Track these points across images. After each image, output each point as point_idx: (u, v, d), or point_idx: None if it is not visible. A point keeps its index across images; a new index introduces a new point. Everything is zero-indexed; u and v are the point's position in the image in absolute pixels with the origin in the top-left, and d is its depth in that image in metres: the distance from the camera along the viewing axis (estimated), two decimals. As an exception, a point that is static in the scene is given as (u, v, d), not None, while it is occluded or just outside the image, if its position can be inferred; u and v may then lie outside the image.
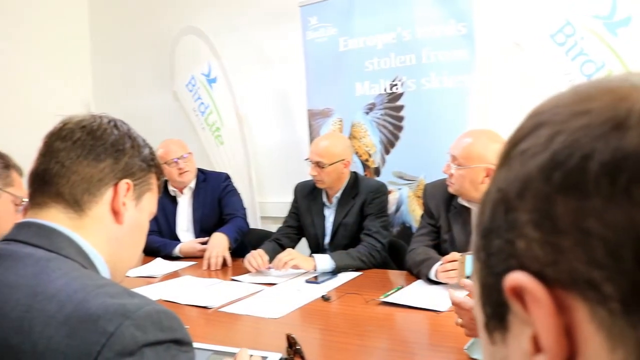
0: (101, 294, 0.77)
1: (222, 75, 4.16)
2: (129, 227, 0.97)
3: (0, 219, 1.66)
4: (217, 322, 1.90)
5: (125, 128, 0.99)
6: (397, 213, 3.40)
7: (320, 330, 1.84)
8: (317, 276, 2.41)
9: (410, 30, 3.28)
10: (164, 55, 4.57)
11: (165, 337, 0.76)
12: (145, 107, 4.67)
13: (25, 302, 0.75)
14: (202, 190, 3.17)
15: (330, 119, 3.60)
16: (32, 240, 0.86)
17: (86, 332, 0.72)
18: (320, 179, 2.68)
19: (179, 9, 4.54)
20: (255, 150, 4.14)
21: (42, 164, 0.92)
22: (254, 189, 4.07)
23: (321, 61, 3.63)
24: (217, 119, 4.22)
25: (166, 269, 2.70)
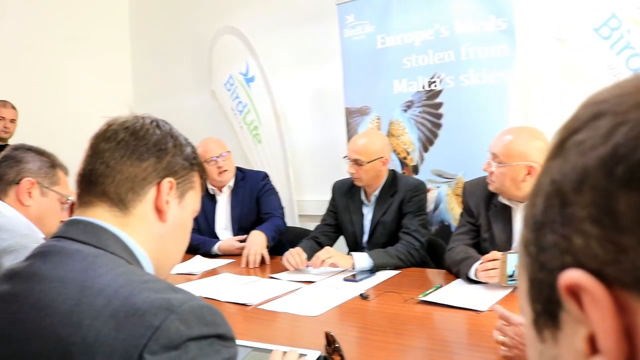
0: (146, 289, 0.79)
1: (259, 74, 4.20)
2: (173, 225, 0.98)
3: (47, 217, 1.71)
4: (256, 319, 1.92)
5: (167, 128, 1.00)
6: (435, 211, 3.37)
7: (358, 328, 1.84)
8: (355, 274, 2.40)
9: (448, 26, 3.24)
10: (202, 55, 4.63)
11: (208, 332, 0.78)
12: (184, 106, 4.74)
13: (74, 296, 0.78)
14: (241, 189, 3.19)
15: (368, 116, 3.59)
16: (80, 237, 0.89)
17: (133, 325, 0.74)
18: (358, 176, 2.67)
19: (216, 10, 4.59)
20: (293, 149, 4.15)
21: (89, 164, 0.95)
22: (291, 187, 4.09)
23: (358, 59, 3.61)
24: (254, 117, 4.26)
25: (205, 267, 2.74)
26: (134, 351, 0.72)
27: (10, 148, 1.73)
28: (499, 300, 1.93)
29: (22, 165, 1.67)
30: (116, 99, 5.05)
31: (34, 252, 0.90)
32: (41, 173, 1.69)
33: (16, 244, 1.48)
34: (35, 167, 1.69)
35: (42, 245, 0.91)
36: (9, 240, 1.48)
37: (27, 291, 0.82)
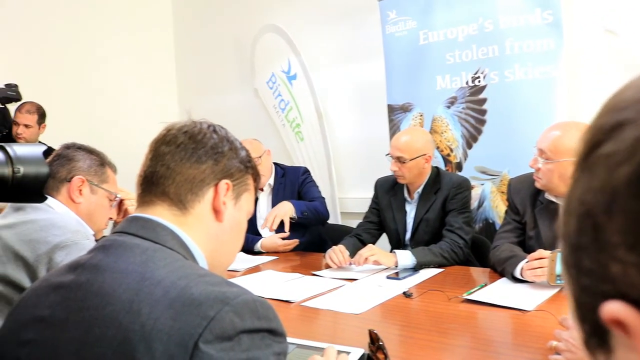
0: (202, 282, 0.83)
1: (301, 71, 4.21)
2: (229, 225, 1.03)
3: (96, 213, 1.76)
4: (299, 316, 1.93)
5: (224, 132, 1.05)
6: (479, 209, 3.33)
7: (402, 326, 1.83)
8: (398, 272, 2.39)
9: (492, 20, 3.19)
10: (244, 53, 4.68)
11: (261, 326, 0.80)
12: (227, 104, 4.80)
13: (134, 287, 0.82)
14: (282, 186, 3.21)
15: (411, 113, 3.57)
16: (140, 232, 0.94)
17: (189, 315, 0.77)
18: (401, 174, 2.66)
19: (259, 8, 4.63)
20: (335, 146, 4.16)
21: (150, 166, 1.00)
22: (334, 185, 4.10)
23: (401, 55, 3.59)
24: (297, 115, 4.28)
25: (248, 263, 2.77)
26: (190, 339, 0.75)
27: (62, 147, 1.78)
28: (546, 300, 1.90)
29: (73, 163, 1.72)
30: (161, 99, 5.16)
31: (97, 246, 0.95)
32: (91, 171, 1.74)
33: (67, 239, 1.52)
34: (85, 166, 1.73)
35: (104, 239, 0.96)
36: (60, 237, 1.53)
37: (91, 281, 0.86)
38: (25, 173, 0.92)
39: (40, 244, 1.51)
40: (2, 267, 1.50)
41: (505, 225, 2.43)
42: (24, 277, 1.49)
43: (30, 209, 1.61)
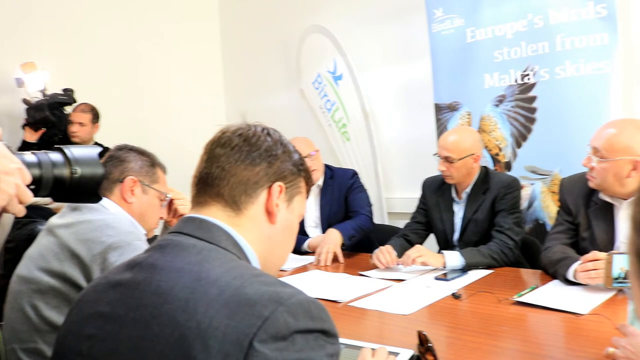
0: (257, 282, 0.84)
1: (347, 72, 4.21)
2: (281, 227, 1.04)
3: (148, 213, 1.81)
4: (347, 317, 1.93)
5: (277, 135, 1.07)
6: (529, 209, 3.26)
7: (451, 328, 1.81)
8: (446, 273, 2.37)
9: (542, 16, 3.12)
10: (290, 54, 4.71)
11: (314, 327, 0.81)
12: (274, 105, 4.84)
13: (190, 286, 0.84)
14: (330, 187, 3.20)
15: (458, 112, 3.53)
16: (195, 233, 0.96)
17: (244, 315, 0.78)
18: (449, 174, 2.63)
19: (304, 9, 4.65)
20: (381, 146, 4.14)
21: (205, 168, 1.02)
22: (380, 185, 4.08)
23: (448, 54, 3.56)
24: (343, 115, 4.28)
25: (295, 263, 2.78)
26: (245, 339, 0.76)
27: (115, 148, 1.83)
28: (602, 304, 1.84)
29: (126, 164, 1.77)
30: (208, 101, 5.26)
31: (153, 245, 0.98)
32: (142, 172, 1.79)
33: (121, 240, 1.57)
34: (137, 167, 1.78)
35: (161, 239, 0.98)
36: (114, 237, 1.57)
37: (148, 280, 0.89)
38: (82, 174, 0.96)
39: (95, 244, 1.56)
40: (60, 265, 1.56)
41: (558, 226, 2.37)
42: (79, 275, 1.54)
43: (85, 209, 1.66)
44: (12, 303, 1.61)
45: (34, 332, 1.53)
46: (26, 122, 3.94)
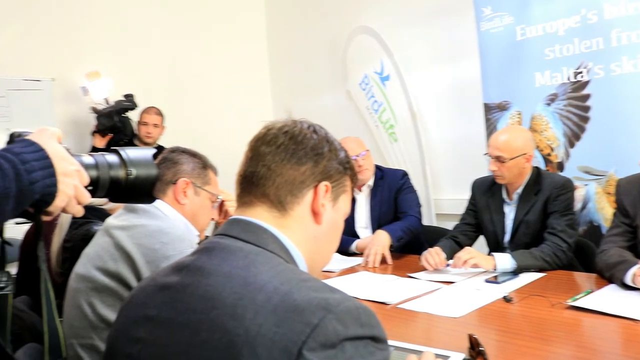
0: (305, 287, 0.82)
1: (394, 72, 4.19)
2: (327, 227, 1.02)
3: (200, 214, 1.84)
4: (396, 319, 1.92)
5: (323, 132, 1.04)
6: (583, 211, 3.17)
7: (502, 332, 1.78)
8: (497, 276, 2.32)
9: (596, 11, 3.03)
10: (337, 55, 4.72)
11: (364, 333, 0.79)
12: (320, 106, 4.86)
13: (238, 291, 0.83)
14: (380, 188, 3.19)
15: (508, 112, 3.46)
16: (242, 235, 0.95)
17: (292, 322, 0.77)
18: (500, 174, 2.58)
19: (350, 10, 4.65)
20: (429, 147, 4.10)
21: (250, 167, 1.00)
22: (428, 186, 4.04)
23: (497, 52, 3.50)
24: (390, 116, 4.26)
25: (343, 264, 2.78)
26: (293, 347, 0.75)
27: (167, 151, 1.87)
28: (661, 309, 1.78)
29: (178, 166, 1.80)
30: (256, 102, 5.32)
31: (200, 248, 0.97)
32: (194, 173, 1.82)
33: (173, 249, 1.59)
34: (189, 168, 1.82)
35: (207, 242, 0.97)
36: (167, 245, 1.59)
37: (195, 283, 0.88)
38: (137, 175, 0.98)
39: (149, 251, 1.59)
40: (115, 265, 1.60)
41: (614, 228, 2.29)
42: (132, 277, 1.57)
43: (141, 211, 1.70)
44: (70, 300, 1.67)
45: (90, 329, 1.58)
46: (96, 129, 4.13)
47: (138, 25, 4.69)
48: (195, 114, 4.87)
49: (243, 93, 5.24)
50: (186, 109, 4.80)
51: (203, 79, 5.01)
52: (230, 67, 5.17)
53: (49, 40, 4.24)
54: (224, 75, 5.12)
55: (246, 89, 5.29)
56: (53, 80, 4.29)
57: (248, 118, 4.93)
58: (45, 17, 4.25)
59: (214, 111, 5.02)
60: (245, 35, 5.35)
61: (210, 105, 5.01)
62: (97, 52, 4.45)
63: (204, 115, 4.93)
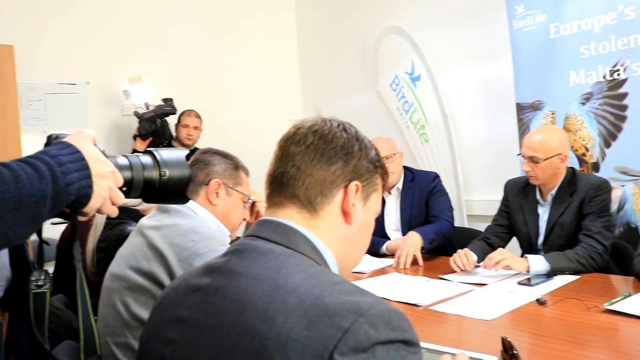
0: (336, 290, 0.81)
1: (425, 72, 4.17)
2: (357, 227, 1.01)
3: (231, 214, 1.86)
4: (427, 320, 1.91)
5: (353, 131, 1.03)
6: (620, 212, 3.10)
7: (535, 335, 1.75)
8: (530, 278, 2.29)
9: (634, 7, 2.96)
10: (367, 56, 4.71)
11: (395, 337, 0.78)
12: (351, 107, 4.85)
13: (269, 294, 0.83)
14: (410, 190, 3.16)
15: (541, 111, 3.41)
16: (272, 237, 0.94)
17: (323, 326, 0.76)
18: (534, 174, 2.54)
19: (381, 10, 4.64)
20: (461, 147, 4.06)
21: (279, 167, 0.99)
22: (460, 187, 4.01)
23: (530, 51, 3.44)
24: (421, 116, 4.23)
25: (374, 266, 2.78)
26: (325, 351, 0.74)
27: (199, 152, 1.90)
28: (702, 313, 1.72)
29: (210, 167, 1.83)
30: (286, 103, 5.35)
31: (230, 249, 0.97)
32: (226, 174, 1.84)
33: (205, 247, 1.61)
34: (221, 169, 1.84)
35: (238, 243, 0.97)
36: (199, 243, 1.62)
37: (227, 286, 0.88)
38: (171, 176, 0.99)
39: (181, 249, 1.61)
40: (148, 264, 1.63)
41: (652, 230, 2.24)
42: (165, 276, 1.60)
43: (174, 212, 1.72)
44: (105, 299, 1.70)
45: (124, 327, 1.61)
46: (138, 133, 4.23)
47: (171, 28, 4.76)
48: (227, 115, 4.93)
49: (273, 94, 5.28)
50: (218, 110, 4.85)
51: (234, 81, 5.06)
52: (261, 69, 5.22)
53: (84, 44, 4.34)
54: (255, 77, 5.17)
55: (276, 90, 5.32)
56: (88, 84, 4.38)
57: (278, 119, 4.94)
58: (80, 23, 4.34)
59: (245, 112, 5.06)
60: (275, 35, 5.39)
61: (241, 106, 5.06)
62: (130, 55, 4.54)
63: (235, 116, 4.98)
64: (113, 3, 4.52)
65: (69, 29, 4.28)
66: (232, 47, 5.08)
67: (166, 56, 4.70)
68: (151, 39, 4.65)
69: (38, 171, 0.77)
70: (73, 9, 4.32)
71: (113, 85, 4.47)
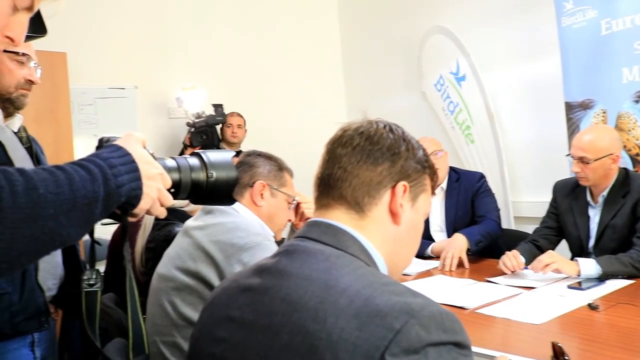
0: (387, 291, 0.81)
1: (470, 72, 4.11)
2: (406, 228, 1.00)
3: (276, 216, 1.88)
4: (475, 324, 1.87)
5: (400, 131, 1.03)
6: (677, 214, 2.97)
7: (587, 341, 1.69)
8: (580, 282, 2.22)
9: (691, 1, 2.85)
10: (411, 56, 4.67)
11: (447, 339, 0.77)
12: (395, 108, 4.81)
13: (319, 294, 0.83)
14: (455, 191, 3.12)
15: (592, 110, 3.31)
16: (321, 238, 0.95)
17: (374, 326, 0.76)
18: (584, 175, 2.47)
19: (425, 10, 4.60)
20: (507, 148, 3.99)
21: (327, 169, 1.00)
22: (507, 188, 3.93)
23: (580, 48, 3.35)
24: (467, 117, 4.18)
25: (419, 268, 2.75)
26: (376, 352, 0.74)
27: (244, 154, 1.92)
28: None
29: (255, 169, 1.85)
30: (330, 104, 5.36)
31: (280, 250, 0.98)
32: (271, 176, 1.86)
33: (251, 241, 1.63)
34: (265, 171, 1.85)
35: (287, 244, 0.98)
36: (245, 239, 1.64)
37: (277, 286, 0.89)
38: (218, 177, 1.00)
39: (227, 246, 1.63)
40: (194, 265, 1.65)
41: None
42: (213, 275, 1.62)
43: (218, 212, 1.75)
44: (153, 299, 1.73)
45: (172, 327, 1.64)
46: (189, 144, 4.37)
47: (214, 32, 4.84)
48: (271, 117, 4.97)
49: (317, 96, 5.30)
50: (262, 112, 4.91)
51: (278, 83, 5.11)
52: (305, 71, 5.25)
53: (131, 49, 4.45)
54: (298, 78, 5.21)
55: (320, 92, 5.34)
56: (136, 88, 4.50)
57: (322, 120, 4.98)
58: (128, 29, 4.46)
59: (289, 114, 5.10)
60: (318, 37, 5.42)
61: (285, 109, 5.10)
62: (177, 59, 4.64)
63: (280, 118, 5.02)
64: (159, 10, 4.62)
65: (118, 35, 4.41)
66: (276, 50, 5.13)
67: (211, 61, 4.78)
68: (196, 44, 4.74)
69: (91, 173, 0.79)
70: (122, 16, 4.44)
71: (160, 88, 4.58)
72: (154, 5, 4.61)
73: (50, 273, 1.67)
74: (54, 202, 0.73)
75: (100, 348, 0.99)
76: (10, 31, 0.81)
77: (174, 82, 4.58)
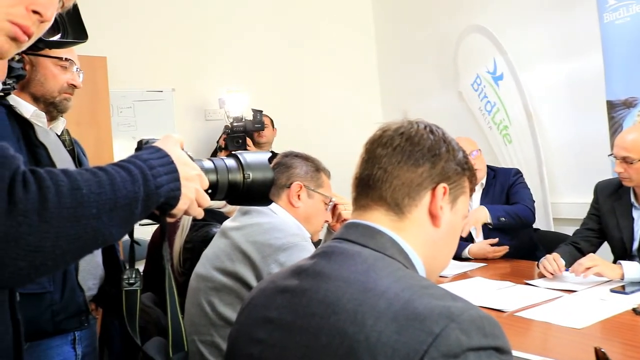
0: (426, 294, 0.81)
1: (508, 71, 4.04)
2: (445, 230, 0.99)
3: (313, 217, 1.88)
4: (513, 327, 1.84)
5: (440, 132, 1.01)
6: None
7: (632, 347, 1.64)
8: (624, 286, 2.16)
9: None
10: (447, 55, 4.62)
11: (487, 344, 0.76)
12: (431, 108, 4.77)
13: (358, 297, 0.82)
14: (492, 187, 3.13)
15: (635, 109, 3.22)
16: (360, 240, 0.94)
17: (413, 330, 0.75)
18: (627, 176, 2.40)
19: (461, 9, 4.55)
20: (546, 148, 3.91)
21: (366, 169, 0.99)
22: (545, 189, 3.85)
23: (623, 45, 3.26)
24: (504, 117, 4.11)
25: (456, 270, 2.72)
26: (415, 356, 0.73)
27: (281, 155, 1.93)
28: None
29: (292, 170, 1.85)
30: (365, 104, 5.35)
31: (318, 252, 0.98)
32: (307, 177, 1.86)
33: (288, 242, 1.64)
34: (302, 172, 1.86)
35: (325, 246, 0.98)
36: (282, 239, 1.65)
37: (315, 288, 0.89)
38: (254, 178, 1.01)
39: (265, 247, 1.64)
40: (232, 265, 1.67)
41: None
42: (250, 275, 1.63)
43: (255, 213, 1.76)
44: (191, 298, 1.76)
45: (210, 326, 1.66)
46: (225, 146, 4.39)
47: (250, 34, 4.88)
48: (308, 118, 4.99)
49: (353, 96, 5.29)
50: (299, 114, 4.93)
51: (314, 83, 5.12)
52: (340, 71, 5.25)
53: (169, 52, 4.52)
54: (334, 80, 5.21)
55: (356, 92, 5.33)
56: (173, 90, 4.57)
57: (358, 120, 4.97)
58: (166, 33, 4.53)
59: (325, 115, 5.10)
60: (353, 37, 5.41)
61: (321, 109, 5.11)
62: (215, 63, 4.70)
63: (316, 119, 5.03)
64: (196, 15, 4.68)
65: (156, 39, 4.48)
66: (310, 49, 5.14)
67: (248, 63, 4.82)
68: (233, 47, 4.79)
69: (131, 174, 0.80)
70: (159, 21, 4.51)
71: (197, 91, 4.65)
72: (191, 10, 4.67)
73: (90, 273, 1.71)
74: (97, 202, 0.75)
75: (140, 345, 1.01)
76: (36, 5, 0.80)
77: (211, 84, 4.63)
